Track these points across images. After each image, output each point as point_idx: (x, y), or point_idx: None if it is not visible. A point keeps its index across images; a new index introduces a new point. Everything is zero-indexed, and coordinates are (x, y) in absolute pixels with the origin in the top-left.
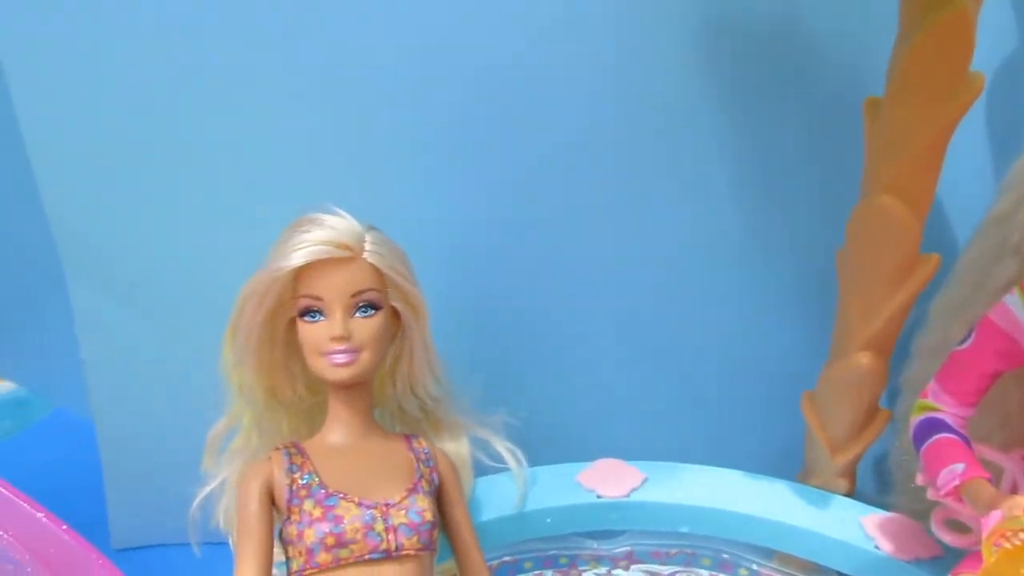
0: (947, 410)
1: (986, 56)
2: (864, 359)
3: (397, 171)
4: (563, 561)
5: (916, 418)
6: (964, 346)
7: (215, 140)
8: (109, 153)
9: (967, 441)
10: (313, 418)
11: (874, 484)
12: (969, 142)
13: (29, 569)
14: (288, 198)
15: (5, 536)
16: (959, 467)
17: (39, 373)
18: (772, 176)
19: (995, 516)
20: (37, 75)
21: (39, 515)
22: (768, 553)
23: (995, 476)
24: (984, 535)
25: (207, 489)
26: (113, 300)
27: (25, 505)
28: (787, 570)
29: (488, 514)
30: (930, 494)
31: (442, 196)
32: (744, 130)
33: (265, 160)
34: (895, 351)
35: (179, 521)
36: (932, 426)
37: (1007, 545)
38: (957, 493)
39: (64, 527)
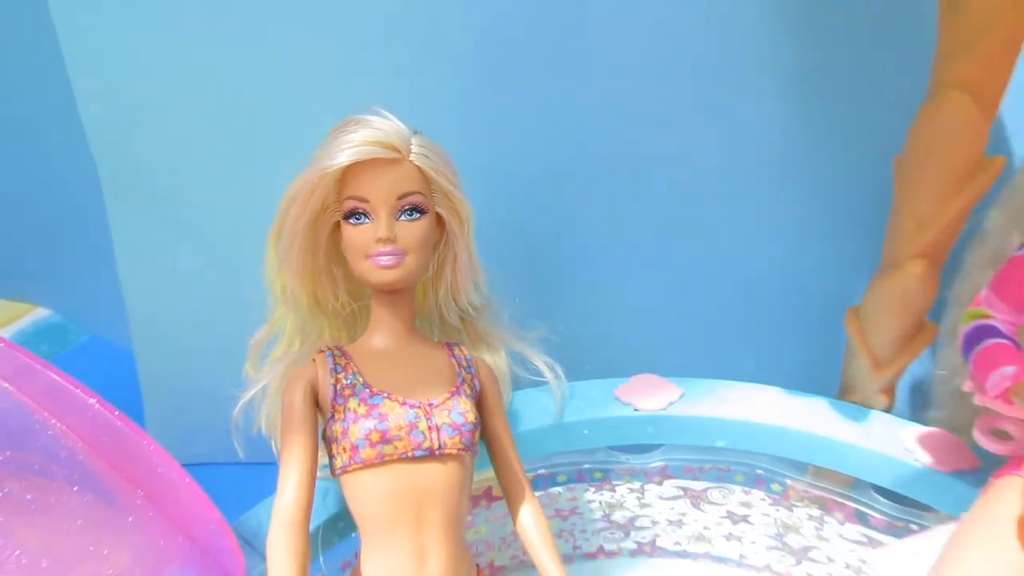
0: (1000, 316)
1: None
2: (917, 268)
3: (446, 94)
4: (597, 476)
5: (967, 326)
6: (1022, 251)
7: (248, 61)
8: (148, 78)
9: (1019, 346)
10: (354, 325)
11: (910, 402)
12: None
13: (81, 457)
14: (323, 113)
15: (58, 424)
16: (1010, 370)
17: (76, 300)
18: (822, 79)
19: None
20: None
21: (91, 401)
22: (802, 468)
23: None
24: None
25: (249, 394)
26: (151, 220)
27: (78, 392)
28: (822, 484)
29: (526, 425)
30: (977, 399)
31: (492, 122)
32: (794, 28)
33: (299, 79)
34: (947, 272)
35: (217, 441)
36: (983, 332)
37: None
38: (1007, 395)
39: (116, 413)
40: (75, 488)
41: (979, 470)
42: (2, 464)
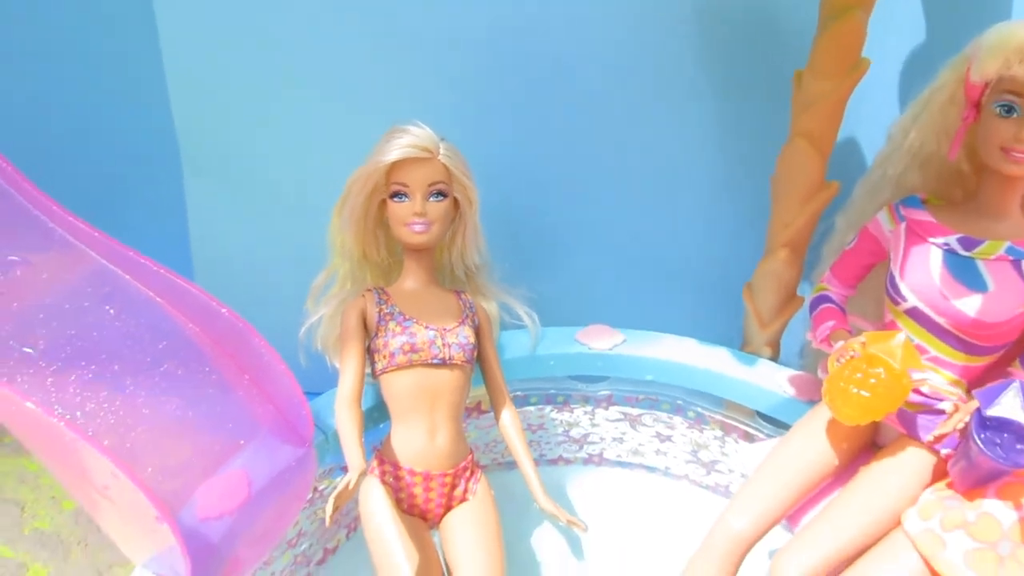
0: (834, 290)
1: (879, 45)
2: (784, 254)
3: (456, 104)
4: (559, 399)
5: (813, 295)
6: (850, 246)
7: (316, 70)
8: (231, 74)
9: (843, 310)
10: (389, 273)
11: (788, 352)
12: (868, 104)
13: (208, 353)
14: (368, 119)
15: (195, 329)
16: (831, 323)
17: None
18: (730, 124)
19: (837, 347)
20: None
21: (223, 310)
22: (711, 399)
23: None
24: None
25: (311, 320)
26: (225, 195)
27: (213, 303)
28: (724, 412)
29: (508, 355)
30: (813, 343)
31: (489, 129)
32: (711, 93)
33: (349, 89)
34: (811, 256)
35: None
36: (821, 300)
37: (836, 364)
38: (828, 340)
39: (239, 319)
40: (205, 368)
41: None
42: (162, 351)
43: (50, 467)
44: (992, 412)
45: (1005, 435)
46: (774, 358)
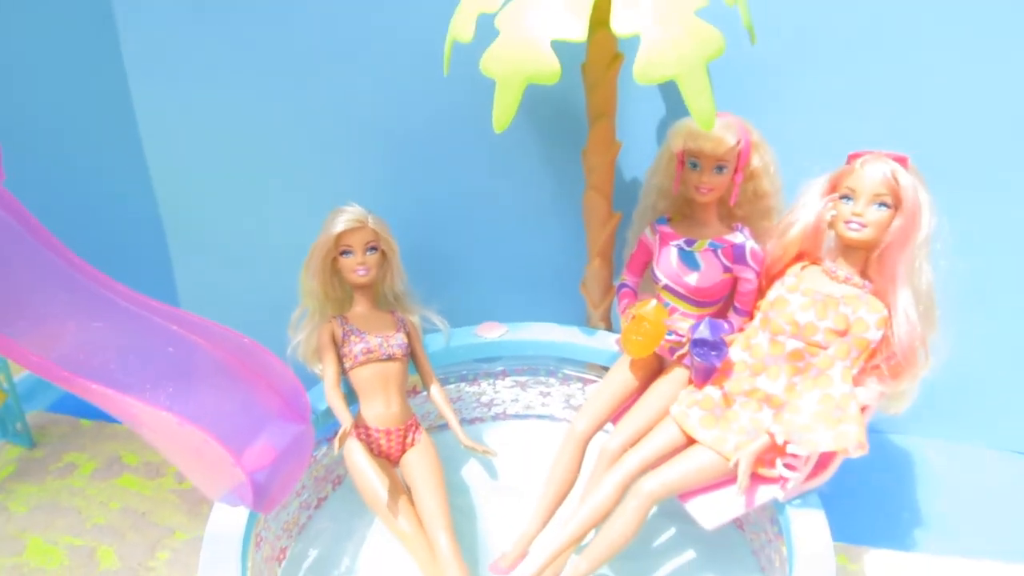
0: (628, 279)
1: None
2: (598, 261)
3: (377, 172)
4: (470, 377)
5: (618, 284)
6: (633, 251)
7: (277, 159)
8: (208, 153)
9: (635, 291)
10: (343, 305)
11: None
12: (633, 161)
13: (232, 368)
14: (316, 190)
15: (224, 355)
16: (626, 301)
17: None
18: (555, 179)
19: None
20: (156, 84)
21: (245, 340)
22: (577, 363)
23: None
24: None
25: (293, 343)
26: (206, 256)
27: (237, 336)
28: (584, 371)
29: (431, 349)
30: (621, 316)
31: (398, 190)
32: (542, 159)
33: (306, 163)
34: (617, 261)
35: None
36: (622, 287)
37: (624, 323)
38: (625, 314)
39: (257, 344)
40: (232, 377)
41: None
42: (203, 368)
43: (149, 439)
44: (695, 336)
45: (704, 348)
46: (607, 328)
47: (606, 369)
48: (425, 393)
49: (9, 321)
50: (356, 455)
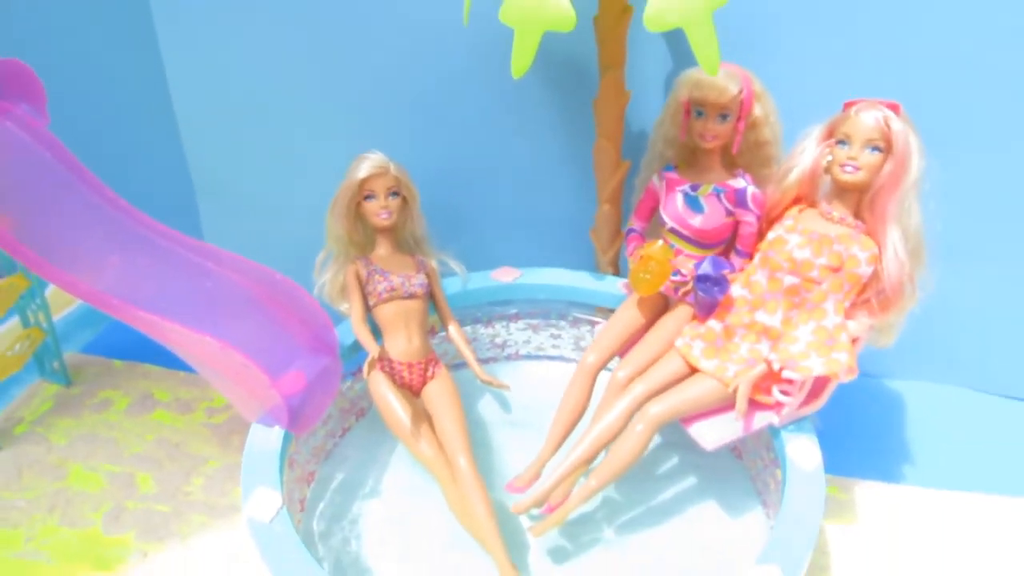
0: (636, 224)
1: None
2: (607, 207)
3: (397, 125)
4: (484, 320)
5: (627, 229)
6: (641, 197)
7: (306, 103)
8: (236, 106)
9: (643, 235)
10: (365, 248)
11: (624, 270)
12: (641, 111)
13: (266, 303)
14: (339, 140)
15: (256, 289)
16: (634, 244)
17: None
18: (568, 131)
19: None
20: (184, 33)
21: (278, 276)
22: (586, 306)
23: None
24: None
25: (319, 283)
26: (231, 204)
27: (270, 272)
28: (588, 314)
29: (449, 292)
30: (629, 257)
31: (417, 142)
32: (558, 113)
33: (329, 116)
34: (626, 206)
35: None
36: (630, 232)
37: (632, 264)
38: (634, 253)
39: (290, 281)
40: (268, 311)
41: None
42: (242, 304)
43: (194, 365)
44: (699, 272)
45: (707, 283)
46: (615, 273)
47: (614, 312)
48: (444, 334)
49: (66, 257)
50: (380, 385)
